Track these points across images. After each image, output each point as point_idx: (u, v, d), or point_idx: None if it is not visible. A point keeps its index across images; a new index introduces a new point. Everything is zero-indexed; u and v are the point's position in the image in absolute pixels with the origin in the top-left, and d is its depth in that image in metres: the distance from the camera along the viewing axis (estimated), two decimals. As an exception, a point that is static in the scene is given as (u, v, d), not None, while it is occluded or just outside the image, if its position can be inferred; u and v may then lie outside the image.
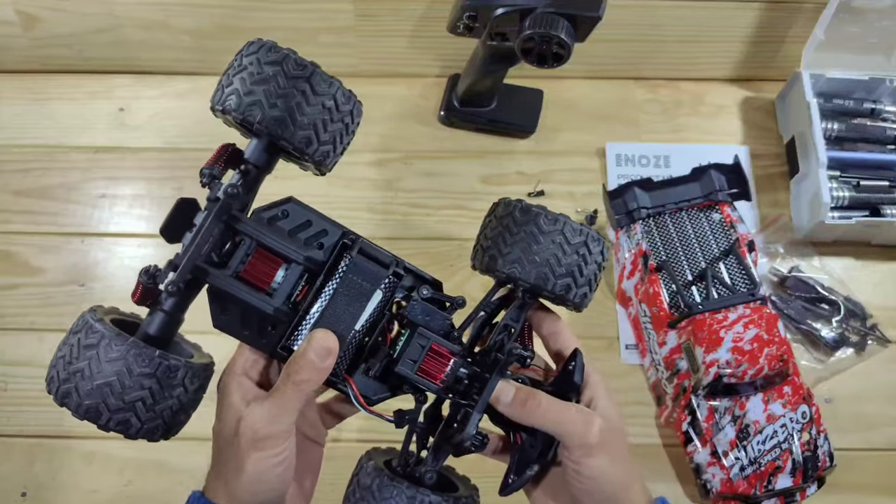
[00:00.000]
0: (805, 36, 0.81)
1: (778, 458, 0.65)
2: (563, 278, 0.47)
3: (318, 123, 0.46)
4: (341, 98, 0.48)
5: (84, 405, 0.41)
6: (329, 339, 0.43)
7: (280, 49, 0.46)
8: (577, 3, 0.67)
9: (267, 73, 0.45)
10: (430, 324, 0.47)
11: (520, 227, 0.46)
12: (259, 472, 0.42)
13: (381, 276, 0.46)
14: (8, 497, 0.69)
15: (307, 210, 0.48)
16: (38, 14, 0.84)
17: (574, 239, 0.47)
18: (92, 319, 0.43)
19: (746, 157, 0.86)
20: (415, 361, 0.46)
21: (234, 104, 0.45)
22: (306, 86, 0.46)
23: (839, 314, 0.76)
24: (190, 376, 0.44)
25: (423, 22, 0.85)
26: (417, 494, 0.44)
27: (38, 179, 0.84)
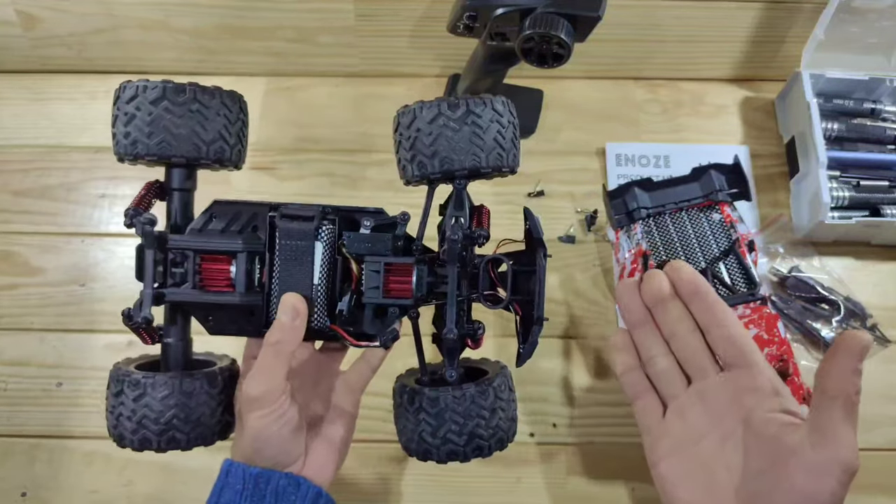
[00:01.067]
0: (805, 36, 0.81)
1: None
2: (492, 151, 0.49)
3: (223, 131, 0.50)
4: (228, 101, 0.51)
5: (136, 440, 0.48)
6: (294, 299, 0.46)
7: (155, 83, 0.49)
8: (577, 3, 0.67)
9: (158, 112, 0.48)
10: (375, 249, 0.49)
11: (432, 126, 0.48)
12: (257, 430, 0.46)
13: (309, 230, 0.48)
14: (8, 497, 0.69)
15: (233, 204, 0.51)
16: (38, 14, 0.84)
17: (484, 113, 0.49)
18: (118, 373, 0.50)
19: (746, 157, 0.86)
20: (377, 287, 0.49)
21: (143, 149, 0.48)
22: (196, 104, 0.49)
23: (839, 314, 0.76)
24: (206, 383, 0.49)
25: (423, 22, 0.85)
26: (450, 393, 0.48)
27: (38, 179, 0.84)
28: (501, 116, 0.49)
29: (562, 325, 0.77)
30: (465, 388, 0.48)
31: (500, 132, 0.49)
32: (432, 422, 0.48)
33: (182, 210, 0.51)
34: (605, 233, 0.81)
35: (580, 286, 0.79)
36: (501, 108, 0.50)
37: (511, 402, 0.51)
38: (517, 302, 0.50)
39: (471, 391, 0.48)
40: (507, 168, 0.50)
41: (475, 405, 0.48)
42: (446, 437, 0.48)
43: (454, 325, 0.48)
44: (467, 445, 0.48)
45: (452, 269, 0.48)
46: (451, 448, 0.48)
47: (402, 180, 0.52)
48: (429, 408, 0.48)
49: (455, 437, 0.48)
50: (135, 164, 0.51)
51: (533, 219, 0.51)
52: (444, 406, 0.48)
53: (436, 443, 0.48)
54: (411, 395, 0.49)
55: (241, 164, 0.54)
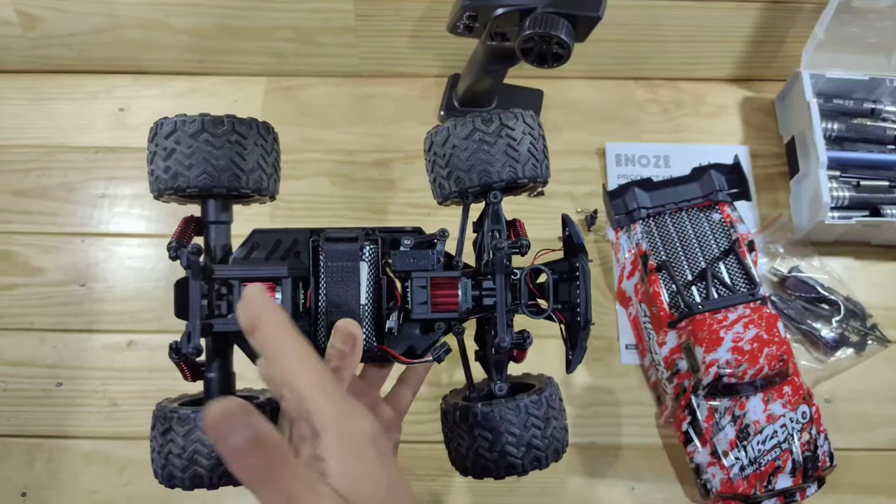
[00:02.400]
0: (805, 36, 0.81)
1: (778, 458, 0.65)
2: (528, 162, 0.50)
3: (261, 161, 0.50)
4: (264, 131, 0.51)
5: (186, 478, 0.47)
6: (349, 325, 0.44)
7: (193, 117, 0.49)
8: (577, 3, 0.66)
9: (199, 144, 0.48)
10: (420, 265, 0.49)
11: (467, 141, 0.49)
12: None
13: (354, 250, 0.48)
14: (8, 497, 0.69)
15: (273, 232, 0.51)
16: (38, 14, 0.84)
17: (517, 126, 0.50)
18: (164, 411, 0.48)
19: (746, 157, 0.86)
20: (425, 303, 0.49)
21: (184, 182, 0.48)
22: (235, 135, 0.49)
23: (839, 314, 0.76)
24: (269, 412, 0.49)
25: (423, 22, 0.85)
26: (504, 405, 0.47)
27: (38, 179, 0.84)
28: (532, 129, 0.51)
29: (562, 325, 0.77)
30: (519, 399, 0.48)
31: (532, 143, 0.51)
32: (489, 436, 0.47)
33: (222, 242, 0.51)
34: (605, 233, 0.81)
35: (580, 286, 0.79)
36: (531, 121, 0.51)
37: (562, 411, 0.51)
38: (559, 310, 0.51)
39: (524, 402, 0.48)
40: (541, 179, 0.52)
41: (530, 416, 0.48)
42: (504, 451, 0.47)
43: (505, 333, 0.48)
44: (525, 457, 0.48)
45: (500, 278, 0.49)
46: (510, 461, 0.48)
47: (437, 199, 0.53)
48: (484, 422, 0.48)
49: (513, 450, 0.47)
50: (172, 199, 0.50)
51: (573, 225, 0.51)
52: (499, 419, 0.47)
53: (493, 457, 0.48)
54: (464, 412, 0.48)
55: (276, 195, 0.54)
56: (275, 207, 0.82)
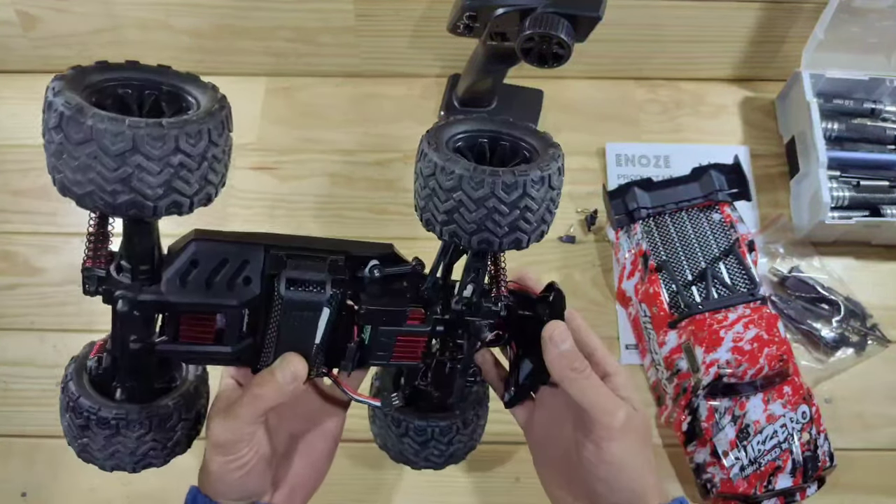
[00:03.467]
0: (805, 36, 0.81)
1: (778, 458, 0.65)
2: (535, 231, 0.42)
3: (133, 182, 0.37)
4: (186, 145, 0.39)
5: (108, 465, 0.47)
6: (296, 364, 0.43)
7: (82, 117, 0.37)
8: (577, 3, 0.66)
9: (84, 160, 0.37)
10: (390, 321, 0.45)
11: (478, 204, 0.40)
12: (219, 474, 0.44)
13: (319, 301, 0.42)
14: (8, 497, 0.69)
15: (217, 245, 0.42)
16: (38, 14, 0.84)
17: (539, 193, 0.41)
18: (72, 398, 0.47)
19: (746, 157, 0.86)
20: (386, 352, 0.46)
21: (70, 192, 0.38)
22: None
23: (839, 314, 0.76)
24: (183, 409, 0.46)
25: (423, 22, 0.85)
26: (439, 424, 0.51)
27: (38, 179, 0.84)
28: (554, 189, 0.42)
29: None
30: (454, 421, 0.51)
31: (548, 209, 0.42)
32: (416, 447, 0.51)
33: (146, 245, 0.43)
34: (605, 233, 0.81)
35: (580, 286, 0.79)
36: (556, 180, 0.42)
37: (484, 418, 0.56)
38: (515, 342, 0.50)
39: (458, 423, 0.52)
40: (500, 249, 0.44)
41: (461, 435, 0.52)
42: (428, 458, 0.52)
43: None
44: (445, 463, 0.53)
45: (470, 349, 0.49)
46: (431, 463, 0.53)
47: (422, 222, 0.45)
48: (415, 435, 0.51)
49: (436, 458, 0.52)
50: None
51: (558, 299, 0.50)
52: (430, 436, 0.51)
53: (416, 460, 0.52)
54: (396, 420, 0.51)
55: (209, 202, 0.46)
56: (274, 207, 0.82)
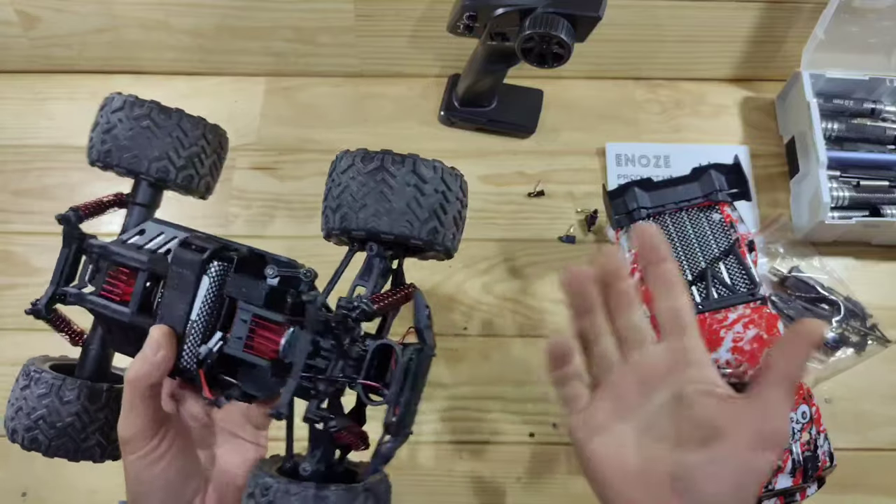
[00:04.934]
0: (805, 36, 0.81)
1: (778, 458, 0.65)
2: (428, 223, 0.43)
3: (195, 160, 0.52)
4: (210, 133, 0.53)
5: (26, 438, 0.48)
6: (158, 333, 0.43)
7: (143, 102, 0.51)
8: (577, 3, 0.67)
9: (140, 128, 0.51)
10: (249, 295, 0.44)
11: (367, 177, 0.44)
12: (135, 473, 0.43)
13: (197, 261, 0.44)
14: (8, 497, 0.69)
15: (162, 224, 0.50)
16: (38, 14, 0.84)
17: (430, 179, 0.44)
18: (27, 366, 0.51)
19: (746, 157, 0.86)
20: (240, 338, 0.44)
21: (114, 160, 0.52)
22: (178, 130, 0.51)
23: (839, 314, 0.76)
24: (86, 396, 0.48)
25: (423, 22, 0.85)
26: (293, 492, 0.40)
27: (38, 179, 0.84)
28: (450, 190, 0.44)
29: (562, 326, 0.76)
30: (319, 490, 0.40)
31: (442, 205, 0.44)
32: None
33: (134, 223, 0.52)
34: (605, 233, 0.81)
35: (580, 286, 0.79)
36: (452, 181, 0.45)
37: None
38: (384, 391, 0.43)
39: (324, 494, 0.40)
40: (440, 248, 0.45)
41: None
42: None
43: (314, 407, 0.41)
44: None
45: (306, 334, 0.42)
46: None
47: (322, 231, 0.48)
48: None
49: None
50: (105, 169, 0.53)
51: (419, 303, 0.44)
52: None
53: None
54: (263, 489, 0.40)
55: (206, 195, 0.55)
56: (274, 207, 0.83)
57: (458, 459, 0.71)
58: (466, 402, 0.73)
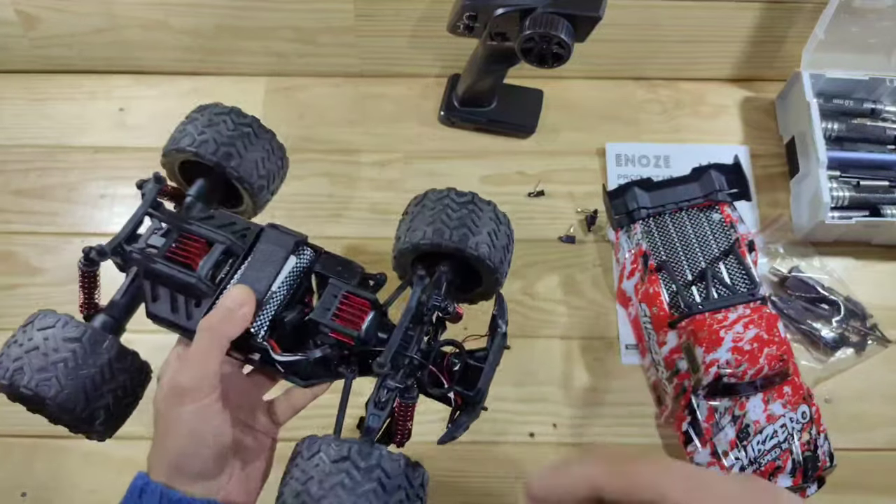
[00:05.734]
0: (805, 36, 0.81)
1: (778, 458, 0.65)
2: (501, 257, 0.56)
3: (259, 164, 0.57)
4: (276, 145, 0.60)
5: (11, 368, 0.49)
6: (243, 290, 0.45)
7: (226, 107, 0.58)
8: (577, 3, 0.67)
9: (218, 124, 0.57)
10: (343, 275, 0.49)
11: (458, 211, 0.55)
12: (192, 428, 0.42)
13: (289, 242, 0.49)
14: (8, 497, 0.69)
15: (234, 216, 0.54)
16: (38, 14, 0.84)
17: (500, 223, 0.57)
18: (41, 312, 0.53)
19: (746, 157, 0.86)
20: (328, 310, 0.47)
21: (204, 150, 0.55)
22: (250, 129, 0.58)
23: (839, 314, 0.76)
24: (116, 351, 0.49)
25: (423, 22, 0.85)
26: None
27: (38, 179, 0.84)
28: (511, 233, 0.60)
29: (562, 326, 0.77)
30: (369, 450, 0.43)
31: (507, 247, 0.59)
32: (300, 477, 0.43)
33: (205, 201, 0.56)
34: (605, 233, 0.81)
35: (580, 286, 0.79)
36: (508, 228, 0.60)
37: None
38: (459, 392, 0.50)
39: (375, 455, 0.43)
40: (499, 278, 0.58)
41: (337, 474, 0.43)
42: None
43: (387, 359, 0.46)
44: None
45: (408, 315, 0.49)
46: None
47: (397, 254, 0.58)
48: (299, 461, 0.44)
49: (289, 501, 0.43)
50: (176, 159, 0.57)
51: (501, 305, 0.53)
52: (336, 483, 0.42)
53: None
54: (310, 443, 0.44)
55: (259, 208, 0.61)
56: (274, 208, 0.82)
57: (457, 459, 0.71)
58: (466, 402, 0.73)
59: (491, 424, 0.72)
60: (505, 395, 0.73)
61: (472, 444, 0.71)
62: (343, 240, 0.81)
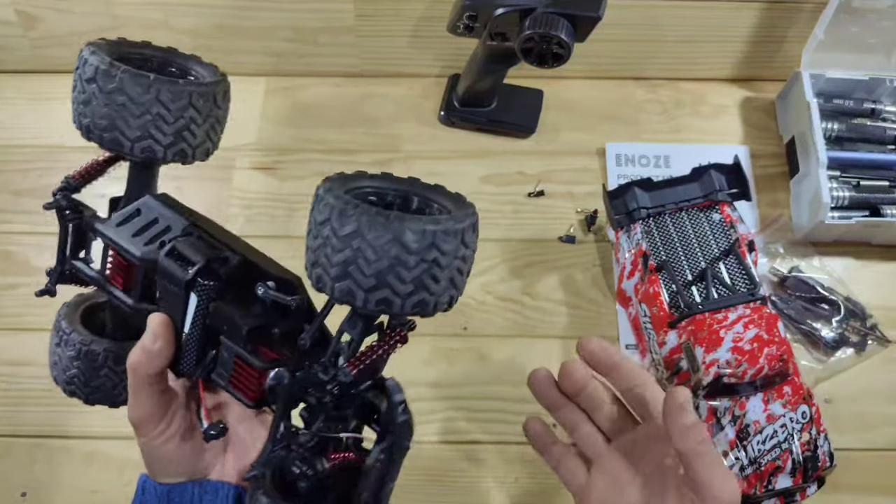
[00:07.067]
0: (805, 36, 0.81)
1: (778, 458, 0.65)
2: (413, 296, 0.36)
3: (150, 128, 0.46)
4: (167, 97, 0.46)
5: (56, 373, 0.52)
6: (157, 322, 0.42)
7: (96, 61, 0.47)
8: (577, 3, 0.67)
9: (89, 92, 0.47)
10: (231, 332, 0.41)
11: (345, 241, 0.35)
12: (150, 452, 0.44)
13: (181, 279, 0.41)
14: (8, 497, 0.69)
15: (160, 206, 0.46)
16: (38, 14, 0.84)
17: (449, 249, 0.36)
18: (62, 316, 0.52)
19: (746, 157, 0.86)
20: (226, 372, 0.42)
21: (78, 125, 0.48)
22: (123, 97, 0.45)
23: (839, 314, 0.76)
24: (112, 359, 0.49)
25: (423, 22, 0.85)
26: None
27: (38, 179, 0.84)
28: (466, 247, 0.38)
29: (562, 326, 0.77)
30: None
31: (460, 269, 0.38)
32: None
33: (134, 194, 0.51)
34: (605, 233, 0.81)
35: (580, 286, 0.79)
36: (471, 238, 0.38)
37: None
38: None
39: None
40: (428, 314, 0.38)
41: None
42: None
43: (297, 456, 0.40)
44: None
45: (278, 418, 0.40)
46: None
47: (311, 283, 0.38)
48: None
49: None
50: None
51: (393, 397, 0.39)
52: None
53: None
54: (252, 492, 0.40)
55: (207, 157, 0.52)
56: (274, 207, 0.83)
57: (457, 459, 0.71)
58: (465, 402, 0.73)
59: (490, 425, 0.72)
60: (504, 394, 0.73)
61: (471, 444, 0.71)
62: (343, 240, 0.81)
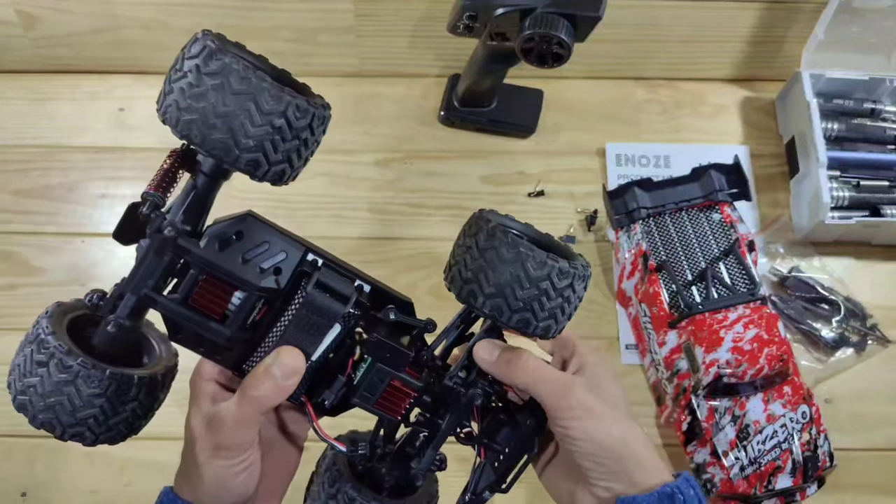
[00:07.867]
0: (805, 36, 0.81)
1: (778, 458, 0.65)
2: (545, 321, 0.43)
3: (267, 144, 0.41)
4: (293, 114, 0.41)
5: (38, 419, 0.41)
6: (297, 359, 0.42)
7: (223, 55, 0.39)
8: (577, 3, 0.67)
9: (206, 86, 0.39)
10: (391, 361, 0.44)
11: (506, 266, 0.41)
12: (219, 480, 0.43)
13: (337, 312, 0.42)
14: (8, 497, 0.69)
15: (265, 229, 0.44)
16: (38, 14, 0.84)
17: (563, 281, 0.43)
18: (44, 333, 0.43)
19: (746, 157, 0.86)
20: (372, 395, 0.44)
21: (172, 118, 0.40)
22: (251, 105, 0.39)
23: (839, 314, 0.76)
24: (144, 391, 0.43)
25: (423, 22, 0.85)
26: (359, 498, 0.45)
27: (38, 179, 0.84)
28: (577, 293, 0.45)
29: (562, 325, 0.77)
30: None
31: (573, 308, 0.46)
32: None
33: (197, 206, 0.44)
34: (605, 233, 0.81)
35: (580, 286, 0.79)
36: (581, 288, 0.46)
37: None
38: (484, 445, 0.48)
39: None
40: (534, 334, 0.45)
41: None
42: None
43: (428, 466, 0.47)
44: None
45: (451, 422, 0.46)
46: None
47: (457, 290, 0.44)
48: None
49: None
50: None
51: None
52: None
53: None
54: (333, 479, 0.46)
55: (280, 185, 0.45)
56: (275, 207, 0.82)
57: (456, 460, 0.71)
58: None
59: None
60: (505, 395, 0.73)
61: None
62: (343, 240, 0.81)
